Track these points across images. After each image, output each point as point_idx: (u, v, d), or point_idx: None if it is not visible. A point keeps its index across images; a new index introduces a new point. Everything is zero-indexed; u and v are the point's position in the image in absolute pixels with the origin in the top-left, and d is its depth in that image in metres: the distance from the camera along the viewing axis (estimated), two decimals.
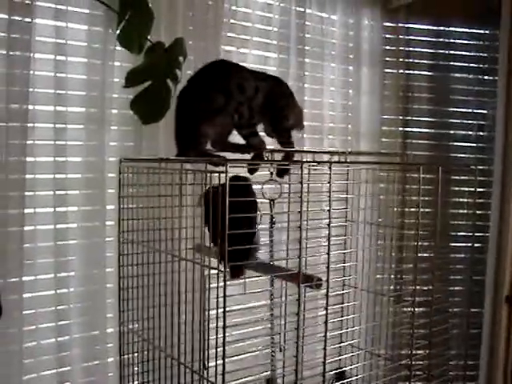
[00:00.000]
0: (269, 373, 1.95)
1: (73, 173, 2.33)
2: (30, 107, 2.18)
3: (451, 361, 1.96)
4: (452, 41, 3.40)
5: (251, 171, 1.67)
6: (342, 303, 1.84)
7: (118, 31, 1.91)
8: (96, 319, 2.40)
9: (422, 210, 1.67)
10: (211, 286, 1.53)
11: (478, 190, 1.75)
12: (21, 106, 2.15)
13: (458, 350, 2.31)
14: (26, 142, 2.17)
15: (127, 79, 1.82)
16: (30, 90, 2.17)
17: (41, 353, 2.31)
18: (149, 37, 1.90)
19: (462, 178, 2.88)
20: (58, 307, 2.34)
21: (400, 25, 3.31)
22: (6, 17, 2.08)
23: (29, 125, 2.18)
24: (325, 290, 1.57)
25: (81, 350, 2.40)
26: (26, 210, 2.20)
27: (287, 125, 1.76)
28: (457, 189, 3.14)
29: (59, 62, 2.26)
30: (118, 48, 2.21)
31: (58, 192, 2.30)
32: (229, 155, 1.64)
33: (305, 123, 2.85)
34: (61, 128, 2.29)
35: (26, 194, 2.19)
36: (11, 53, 2.10)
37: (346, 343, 1.81)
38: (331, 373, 1.78)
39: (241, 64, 1.80)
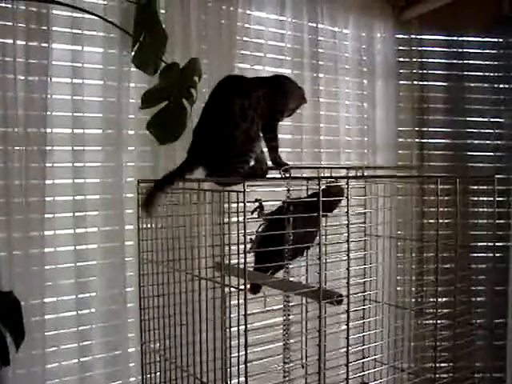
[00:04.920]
0: None
1: (91, 194, 2.35)
2: (48, 131, 2.21)
3: (476, 373, 1.92)
4: (465, 50, 3.39)
5: None
6: (364, 318, 1.83)
7: (132, 53, 1.93)
8: (118, 339, 2.41)
9: (441, 221, 1.66)
10: (231, 303, 1.53)
11: (498, 199, 1.73)
12: (39, 130, 2.18)
13: (483, 362, 2.27)
14: (45, 165, 2.20)
15: (143, 100, 1.84)
16: (48, 113, 2.20)
17: (64, 374, 2.32)
18: (163, 57, 1.91)
19: (481, 187, 2.86)
20: (80, 328, 2.36)
21: (413, 36, 3.32)
22: (24, 43, 2.12)
23: (47, 148, 2.21)
24: (346, 306, 1.56)
25: (103, 371, 2.41)
26: (46, 232, 2.22)
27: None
28: (476, 199, 3.12)
29: (76, 85, 2.30)
30: (133, 69, 2.23)
31: (77, 213, 2.33)
32: None
33: (321, 137, 2.91)
34: (79, 150, 2.32)
35: (46, 216, 2.21)
36: (29, 78, 2.14)
37: (368, 358, 1.79)
38: None
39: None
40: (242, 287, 1.36)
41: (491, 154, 3.39)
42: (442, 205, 1.64)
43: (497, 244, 1.85)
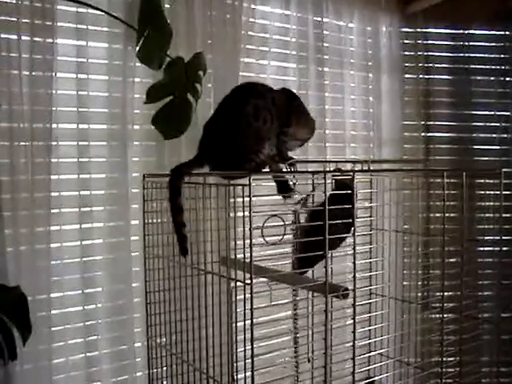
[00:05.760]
0: None
1: (97, 189, 2.35)
2: (54, 126, 2.21)
3: (483, 368, 1.92)
4: (471, 43, 3.38)
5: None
6: (370, 312, 1.83)
7: (137, 48, 1.93)
8: (124, 334, 2.42)
9: (447, 215, 1.65)
10: (237, 297, 1.54)
11: (504, 192, 1.73)
12: (44, 125, 2.18)
13: (490, 356, 2.26)
14: (51, 160, 2.20)
15: (148, 95, 1.84)
16: (53, 109, 2.20)
17: (70, 369, 2.33)
18: (168, 52, 1.92)
19: (487, 181, 2.84)
20: (86, 323, 2.36)
21: (418, 30, 3.30)
22: (29, 38, 2.12)
23: (53, 143, 2.21)
24: (352, 300, 1.55)
25: (109, 365, 2.42)
26: (52, 228, 2.22)
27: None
28: (482, 192, 3.10)
29: (81, 81, 2.30)
30: (138, 64, 2.23)
31: (83, 209, 2.33)
32: None
33: (326, 132, 2.91)
34: (84, 145, 2.32)
35: (52, 211, 2.22)
36: (34, 73, 2.14)
37: (374, 352, 1.79)
38: (361, 383, 1.76)
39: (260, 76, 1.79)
40: (248, 281, 1.36)
41: (497, 147, 3.37)
42: (448, 199, 1.64)
43: (503, 238, 1.83)
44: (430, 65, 3.33)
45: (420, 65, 3.30)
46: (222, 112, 1.65)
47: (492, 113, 3.37)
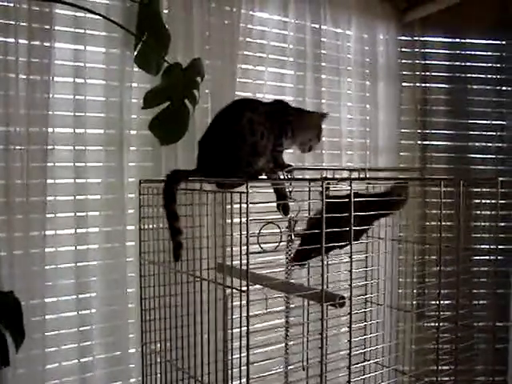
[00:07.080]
0: None
1: (93, 194, 2.34)
2: (50, 130, 2.20)
3: (478, 377, 1.92)
4: (468, 52, 3.39)
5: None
6: (365, 320, 1.82)
7: (135, 53, 1.93)
8: (118, 340, 2.40)
9: (443, 223, 1.65)
10: (232, 305, 1.53)
11: (501, 201, 1.73)
12: (41, 129, 2.17)
13: (485, 365, 2.26)
14: (47, 165, 2.19)
15: (145, 100, 1.83)
16: (50, 113, 2.19)
17: (64, 374, 2.32)
18: (166, 58, 1.91)
19: (484, 190, 2.84)
20: (81, 328, 2.35)
21: (415, 38, 3.32)
22: (26, 42, 2.11)
23: (49, 147, 2.20)
24: (347, 308, 1.55)
25: (103, 371, 2.40)
26: (47, 232, 2.21)
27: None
28: (478, 201, 3.10)
29: (78, 85, 2.29)
30: (136, 69, 2.23)
31: (78, 213, 2.32)
32: None
33: (323, 139, 2.90)
34: (80, 150, 2.31)
35: (47, 216, 2.20)
36: (31, 77, 2.13)
37: (370, 361, 1.79)
38: None
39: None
40: (244, 288, 1.36)
41: (493, 156, 3.38)
42: (444, 207, 1.64)
43: (499, 247, 1.83)
44: (427, 73, 3.34)
45: (417, 73, 3.31)
46: (217, 125, 1.65)
47: (488, 122, 3.38)
